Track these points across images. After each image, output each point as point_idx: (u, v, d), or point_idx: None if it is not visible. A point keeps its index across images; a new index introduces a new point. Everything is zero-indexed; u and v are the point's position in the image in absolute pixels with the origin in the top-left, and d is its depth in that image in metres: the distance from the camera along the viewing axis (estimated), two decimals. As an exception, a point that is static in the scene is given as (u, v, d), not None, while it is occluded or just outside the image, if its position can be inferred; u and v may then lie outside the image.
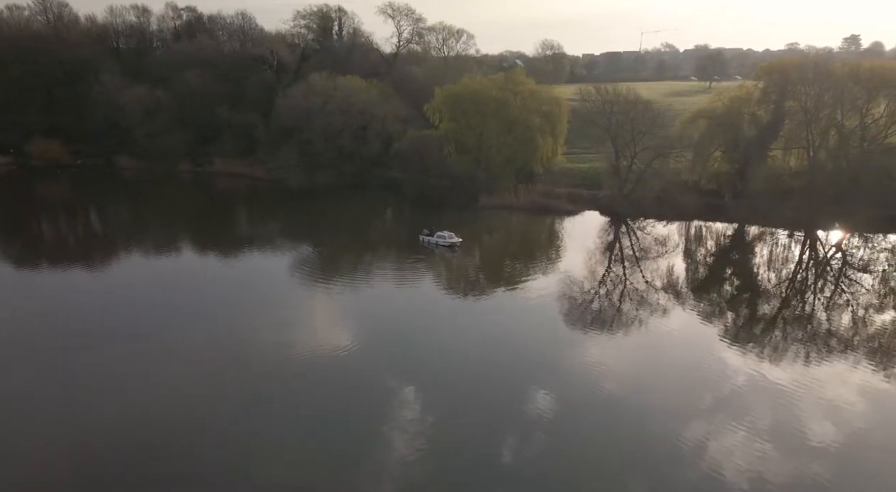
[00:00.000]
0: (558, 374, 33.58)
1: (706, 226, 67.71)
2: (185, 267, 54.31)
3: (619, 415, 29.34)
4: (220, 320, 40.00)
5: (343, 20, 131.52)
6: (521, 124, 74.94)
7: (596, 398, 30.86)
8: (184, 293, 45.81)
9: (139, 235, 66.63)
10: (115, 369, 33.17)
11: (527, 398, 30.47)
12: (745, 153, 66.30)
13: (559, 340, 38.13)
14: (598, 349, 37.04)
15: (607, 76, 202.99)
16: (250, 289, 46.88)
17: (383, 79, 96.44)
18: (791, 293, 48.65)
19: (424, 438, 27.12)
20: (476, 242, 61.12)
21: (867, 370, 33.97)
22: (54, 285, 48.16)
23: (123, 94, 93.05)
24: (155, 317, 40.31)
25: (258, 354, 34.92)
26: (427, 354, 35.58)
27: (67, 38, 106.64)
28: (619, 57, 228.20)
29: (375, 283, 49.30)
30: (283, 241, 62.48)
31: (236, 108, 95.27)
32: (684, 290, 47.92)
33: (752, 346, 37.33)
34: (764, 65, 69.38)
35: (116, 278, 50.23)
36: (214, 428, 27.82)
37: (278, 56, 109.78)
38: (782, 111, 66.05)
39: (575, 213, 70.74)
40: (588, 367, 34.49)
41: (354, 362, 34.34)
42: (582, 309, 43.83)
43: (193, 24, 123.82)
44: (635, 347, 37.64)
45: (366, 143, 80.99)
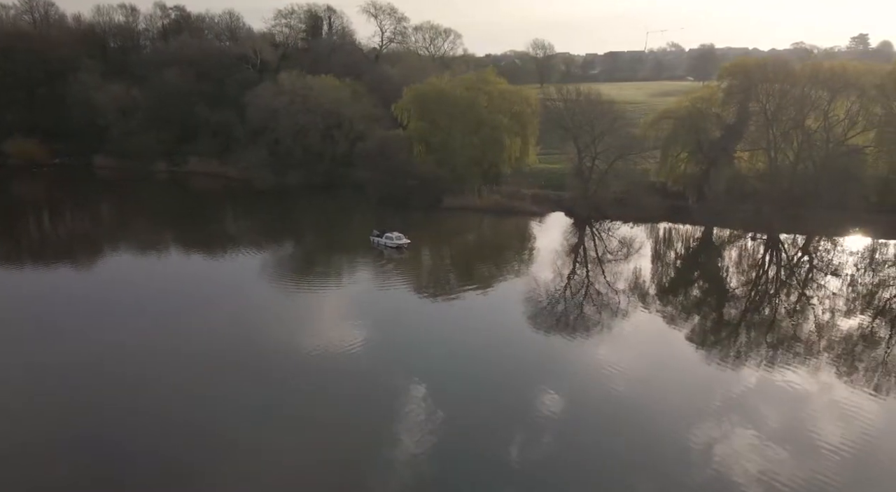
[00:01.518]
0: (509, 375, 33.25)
1: (671, 228, 66.98)
2: (146, 267, 54.26)
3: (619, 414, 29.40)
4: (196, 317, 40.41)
5: (332, 19, 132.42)
6: (487, 124, 74.31)
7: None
8: (153, 292, 45.82)
9: (101, 235, 66.95)
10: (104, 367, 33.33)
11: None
12: (709, 155, 65.37)
13: (494, 344, 37.60)
14: (536, 354, 36.52)
15: (604, 76, 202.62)
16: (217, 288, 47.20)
17: (360, 78, 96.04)
18: (756, 297, 48.17)
19: (429, 438, 27.19)
20: (428, 245, 60.77)
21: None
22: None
23: (100, 93, 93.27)
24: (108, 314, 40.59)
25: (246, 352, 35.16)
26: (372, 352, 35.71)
27: (49, 38, 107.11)
28: (618, 56, 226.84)
29: (322, 284, 49.52)
30: (239, 242, 62.37)
31: (215, 108, 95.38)
32: (649, 293, 47.51)
33: (720, 348, 37.83)
34: (726, 65, 68.33)
35: (79, 278, 50.64)
36: (211, 429, 27.72)
37: (261, 55, 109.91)
38: (746, 113, 65.09)
39: (539, 214, 70.11)
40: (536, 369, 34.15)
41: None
42: (535, 310, 43.71)
43: (181, 23, 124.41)
44: (597, 350, 37.39)
45: (334, 143, 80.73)
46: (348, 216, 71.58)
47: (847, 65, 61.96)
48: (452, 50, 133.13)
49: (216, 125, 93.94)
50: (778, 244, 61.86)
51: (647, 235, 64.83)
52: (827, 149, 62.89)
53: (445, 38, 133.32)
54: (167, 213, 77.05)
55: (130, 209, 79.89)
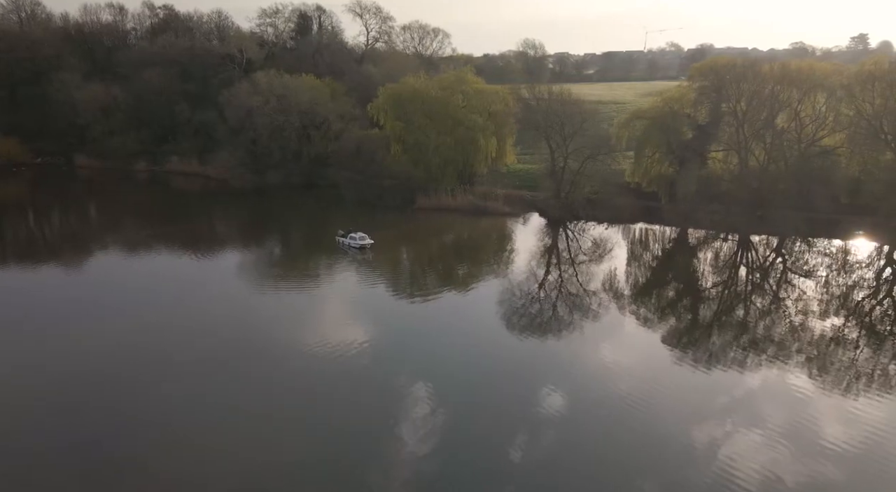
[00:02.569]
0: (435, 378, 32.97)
1: (643, 229, 66.68)
2: (114, 265, 54.49)
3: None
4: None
5: (322, 19, 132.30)
6: (462, 124, 74.03)
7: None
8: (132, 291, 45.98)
9: (77, 234, 67.12)
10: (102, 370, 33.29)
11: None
12: (681, 156, 64.97)
13: (464, 344, 37.50)
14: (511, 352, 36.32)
15: (598, 76, 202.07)
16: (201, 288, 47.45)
17: (341, 78, 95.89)
18: (730, 299, 47.97)
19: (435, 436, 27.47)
20: (395, 245, 60.53)
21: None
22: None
23: (81, 92, 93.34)
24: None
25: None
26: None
27: (33, 37, 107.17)
28: (614, 56, 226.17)
29: (283, 285, 49.52)
30: (208, 242, 62.41)
31: (197, 108, 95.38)
32: (623, 294, 47.35)
33: (694, 350, 37.70)
34: (697, 65, 67.91)
35: (58, 277, 50.91)
36: (217, 429, 27.91)
37: (247, 54, 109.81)
38: (718, 113, 64.66)
39: (512, 215, 69.83)
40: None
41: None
42: (509, 310, 43.79)
43: (169, 23, 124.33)
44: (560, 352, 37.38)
45: (311, 142, 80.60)
46: (321, 216, 71.29)
47: (815, 65, 61.50)
48: (441, 50, 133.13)
49: (198, 125, 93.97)
50: (749, 245, 61.57)
51: (619, 236, 64.59)
52: (799, 149, 62.42)
53: (434, 38, 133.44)
54: (143, 213, 76.79)
55: (107, 209, 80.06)
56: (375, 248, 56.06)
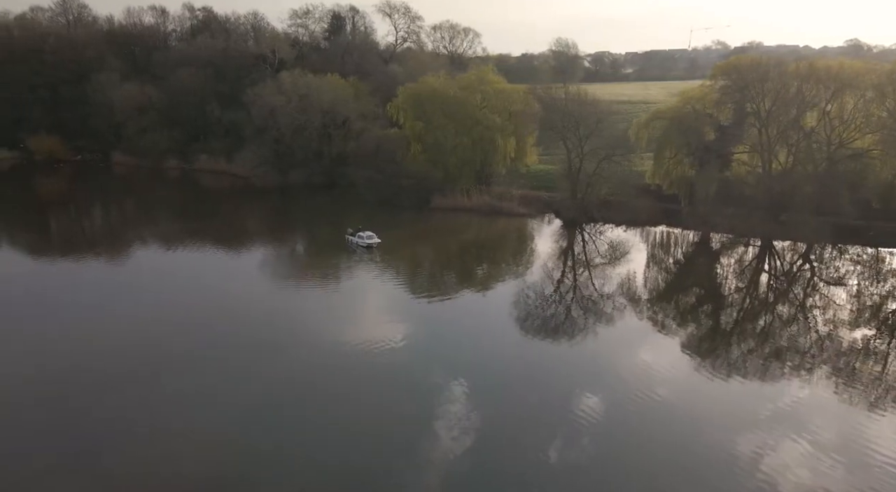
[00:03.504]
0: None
1: (663, 232, 65.01)
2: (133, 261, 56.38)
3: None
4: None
5: (355, 19, 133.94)
6: (481, 124, 73.62)
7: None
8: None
9: (109, 229, 69.93)
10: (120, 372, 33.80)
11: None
12: (702, 157, 62.97)
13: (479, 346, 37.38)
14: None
15: (636, 75, 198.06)
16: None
17: (367, 77, 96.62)
18: (756, 307, 46.56)
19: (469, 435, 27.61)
20: (405, 245, 60.51)
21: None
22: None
23: (117, 92, 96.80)
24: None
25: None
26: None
27: (77, 38, 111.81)
28: (655, 55, 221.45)
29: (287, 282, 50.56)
30: (224, 238, 63.58)
31: (228, 107, 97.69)
32: (635, 299, 46.14)
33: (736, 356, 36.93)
34: (719, 64, 65.48)
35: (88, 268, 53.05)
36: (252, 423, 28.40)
37: (279, 55, 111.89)
38: (742, 113, 62.37)
39: (527, 216, 69.06)
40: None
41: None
42: (524, 313, 43.66)
43: (208, 24, 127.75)
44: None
45: (331, 142, 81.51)
46: (337, 215, 71.83)
47: (845, 63, 58.40)
48: (471, 49, 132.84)
49: (227, 124, 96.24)
50: (772, 251, 59.30)
51: (636, 238, 63.11)
52: (828, 151, 59.66)
53: (464, 38, 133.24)
54: (169, 209, 79.10)
55: (137, 205, 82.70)
56: (388, 247, 56.27)
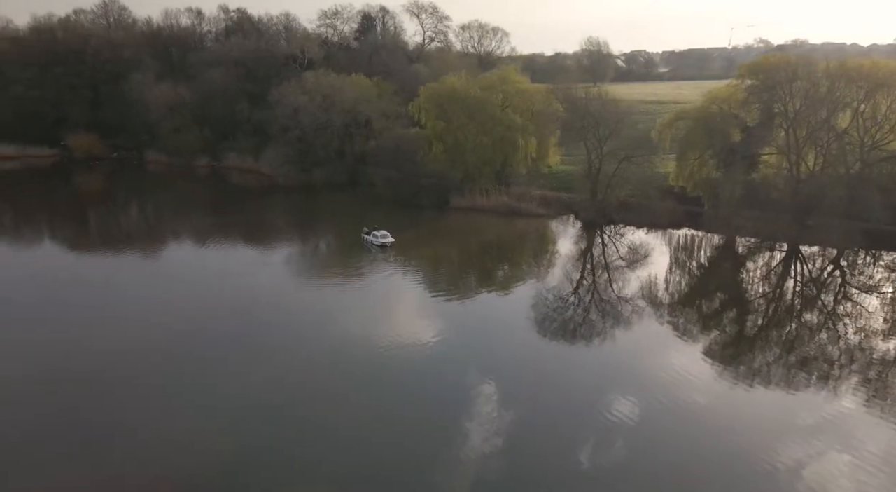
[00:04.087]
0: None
1: (685, 235, 63.54)
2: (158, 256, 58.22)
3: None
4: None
5: (385, 19, 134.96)
6: (501, 124, 73.16)
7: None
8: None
9: (136, 225, 72.32)
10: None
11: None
12: (727, 159, 61.24)
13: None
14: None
15: (671, 74, 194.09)
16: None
17: (391, 77, 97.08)
18: (779, 312, 45.48)
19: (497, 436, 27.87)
20: (420, 244, 60.53)
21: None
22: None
23: (151, 91, 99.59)
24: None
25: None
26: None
27: (116, 40, 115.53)
28: (693, 54, 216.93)
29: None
30: (242, 234, 64.88)
31: (257, 106, 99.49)
32: (656, 303, 45.41)
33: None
34: (746, 64, 63.39)
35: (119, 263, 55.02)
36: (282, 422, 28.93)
37: (308, 55, 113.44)
38: (770, 114, 60.39)
39: (546, 217, 68.31)
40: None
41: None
42: (542, 316, 43.54)
43: (242, 25, 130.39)
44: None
45: (353, 141, 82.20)
46: (355, 214, 72.26)
47: (879, 63, 55.80)
48: (499, 48, 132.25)
49: (256, 123, 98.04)
50: (799, 256, 57.32)
51: (657, 241, 61.78)
52: (861, 153, 57.30)
53: (493, 37, 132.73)
54: (195, 206, 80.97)
55: (166, 201, 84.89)
56: (403, 247, 56.47)
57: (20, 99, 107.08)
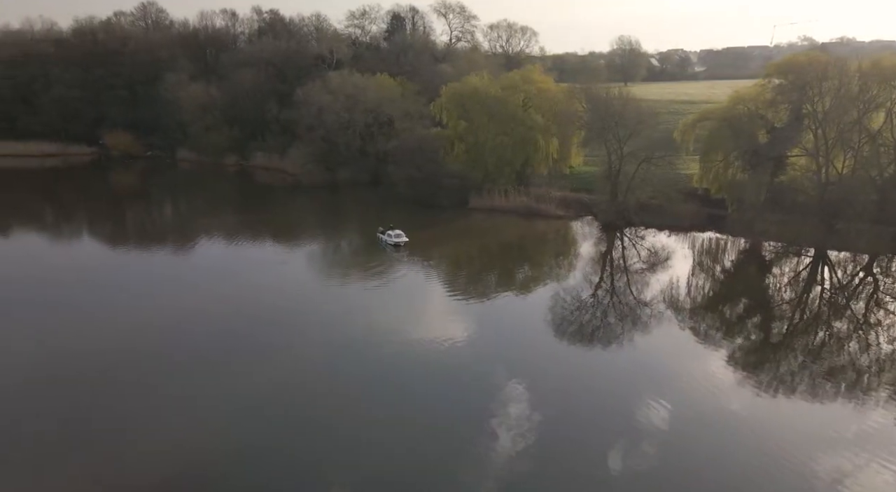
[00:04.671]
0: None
1: (707, 238, 61.96)
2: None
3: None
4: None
5: (415, 19, 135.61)
6: (522, 124, 72.68)
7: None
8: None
9: (168, 219, 74.22)
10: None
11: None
12: (752, 161, 59.50)
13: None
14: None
15: (706, 73, 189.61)
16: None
17: (416, 77, 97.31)
18: (806, 319, 44.17)
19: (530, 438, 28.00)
20: (436, 244, 60.50)
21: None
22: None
23: (183, 91, 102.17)
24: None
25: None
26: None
27: (152, 41, 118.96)
28: (730, 52, 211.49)
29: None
30: (262, 232, 65.98)
31: (285, 106, 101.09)
32: (678, 308, 44.62)
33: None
34: (774, 63, 61.31)
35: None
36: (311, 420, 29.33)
37: (337, 55, 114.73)
38: (799, 115, 58.38)
39: (565, 218, 67.50)
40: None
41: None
42: (550, 316, 43.18)
43: (274, 26, 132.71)
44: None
45: (375, 140, 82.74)
46: (376, 213, 72.75)
47: (914, 60, 53.51)
48: (528, 48, 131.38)
49: (284, 122, 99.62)
50: (827, 261, 55.31)
51: (678, 244, 60.40)
52: (895, 155, 54.92)
53: (522, 36, 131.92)
54: (222, 203, 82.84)
55: (193, 200, 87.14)
56: (418, 246, 56.58)
57: (62, 99, 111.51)
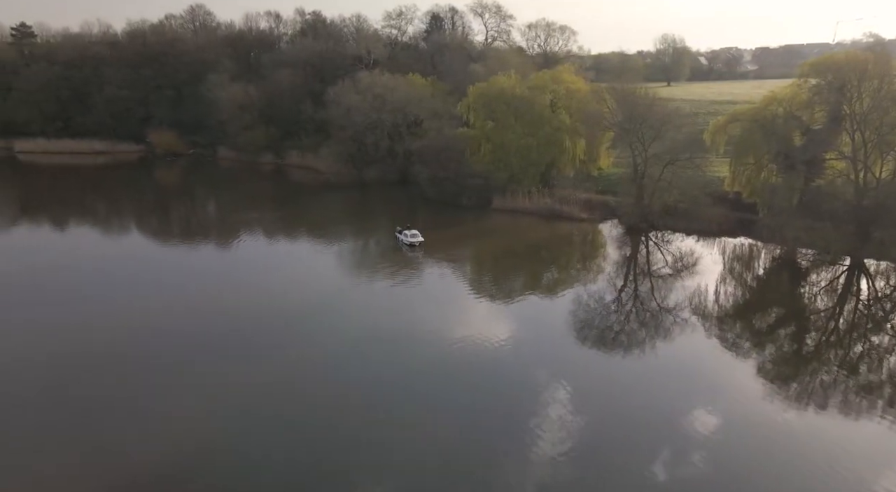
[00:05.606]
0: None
1: (738, 244, 59.65)
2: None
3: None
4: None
5: (455, 19, 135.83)
6: (548, 124, 71.65)
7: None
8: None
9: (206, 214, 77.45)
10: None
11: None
12: (786, 164, 56.86)
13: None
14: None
15: (757, 72, 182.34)
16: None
17: (450, 76, 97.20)
18: (841, 332, 42.42)
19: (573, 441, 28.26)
20: (454, 244, 60.27)
21: None
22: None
23: (224, 91, 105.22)
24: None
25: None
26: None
27: (197, 42, 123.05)
28: (787, 51, 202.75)
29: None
30: (281, 229, 67.32)
31: (320, 105, 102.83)
32: (706, 315, 43.31)
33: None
34: (810, 62, 58.08)
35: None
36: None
37: (374, 55, 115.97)
38: (837, 116, 55.39)
39: (588, 221, 66.15)
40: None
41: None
42: (573, 320, 42.68)
43: (316, 27, 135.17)
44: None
45: (401, 140, 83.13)
46: (400, 212, 73.11)
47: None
48: (566, 47, 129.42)
49: (319, 122, 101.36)
50: (864, 272, 52.40)
51: (706, 249, 58.33)
52: (941, 161, 51.48)
53: (560, 36, 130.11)
54: (256, 200, 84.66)
55: (228, 197, 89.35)
56: (436, 246, 56.61)
57: (113, 99, 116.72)
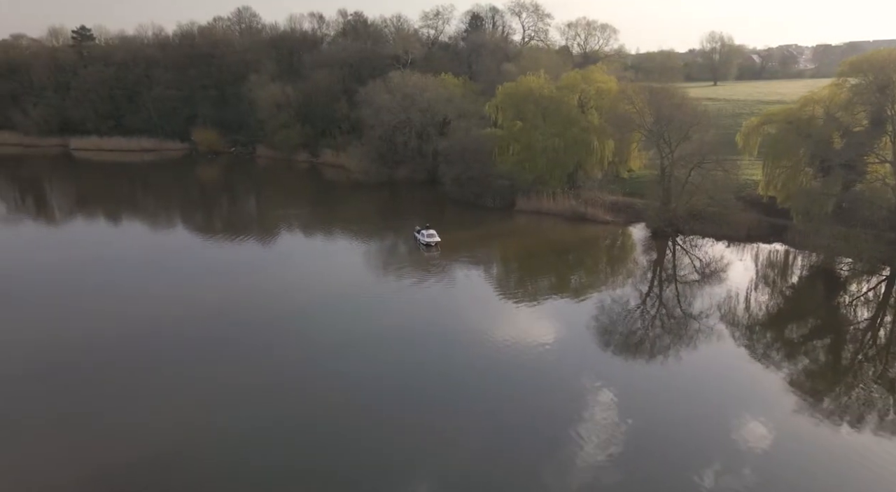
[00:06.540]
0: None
1: (771, 251, 57.01)
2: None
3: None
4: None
5: (495, 18, 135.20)
6: (576, 125, 70.23)
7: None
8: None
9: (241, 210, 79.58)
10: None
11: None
12: (823, 168, 53.90)
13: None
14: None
15: (812, 71, 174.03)
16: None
17: (483, 76, 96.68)
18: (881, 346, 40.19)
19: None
20: (475, 245, 59.73)
21: None
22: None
23: (262, 91, 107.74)
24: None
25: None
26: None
27: (242, 44, 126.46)
28: (852, 48, 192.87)
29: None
30: (304, 226, 68.28)
31: (355, 105, 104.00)
32: (739, 324, 42.00)
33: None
34: (850, 60, 54.48)
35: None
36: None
37: (412, 55, 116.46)
38: (879, 118, 52.10)
39: (613, 224, 64.44)
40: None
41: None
42: (595, 324, 41.99)
43: (357, 28, 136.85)
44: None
45: (430, 139, 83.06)
46: (424, 212, 73.03)
47: None
48: (606, 46, 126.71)
49: (353, 121, 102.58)
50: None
51: (734, 255, 55.95)
52: None
53: (601, 35, 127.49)
54: (287, 196, 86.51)
55: (264, 194, 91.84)
56: (454, 247, 56.48)
57: (161, 98, 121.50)
